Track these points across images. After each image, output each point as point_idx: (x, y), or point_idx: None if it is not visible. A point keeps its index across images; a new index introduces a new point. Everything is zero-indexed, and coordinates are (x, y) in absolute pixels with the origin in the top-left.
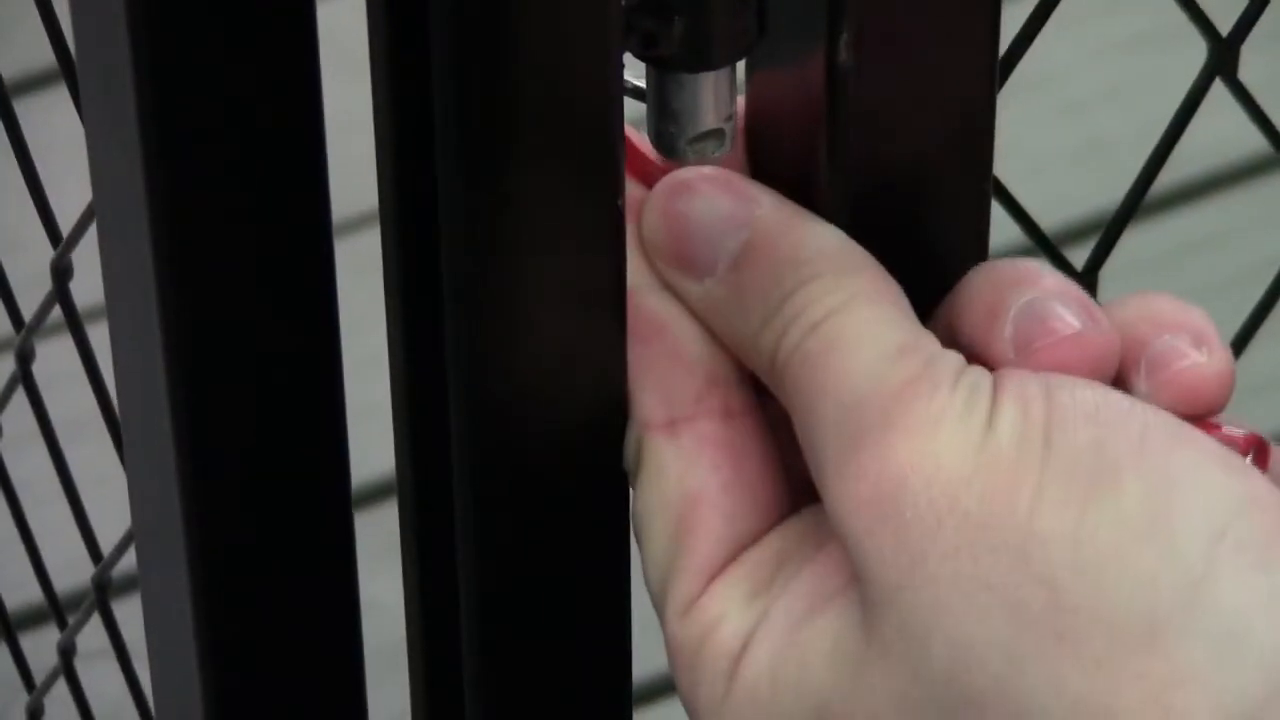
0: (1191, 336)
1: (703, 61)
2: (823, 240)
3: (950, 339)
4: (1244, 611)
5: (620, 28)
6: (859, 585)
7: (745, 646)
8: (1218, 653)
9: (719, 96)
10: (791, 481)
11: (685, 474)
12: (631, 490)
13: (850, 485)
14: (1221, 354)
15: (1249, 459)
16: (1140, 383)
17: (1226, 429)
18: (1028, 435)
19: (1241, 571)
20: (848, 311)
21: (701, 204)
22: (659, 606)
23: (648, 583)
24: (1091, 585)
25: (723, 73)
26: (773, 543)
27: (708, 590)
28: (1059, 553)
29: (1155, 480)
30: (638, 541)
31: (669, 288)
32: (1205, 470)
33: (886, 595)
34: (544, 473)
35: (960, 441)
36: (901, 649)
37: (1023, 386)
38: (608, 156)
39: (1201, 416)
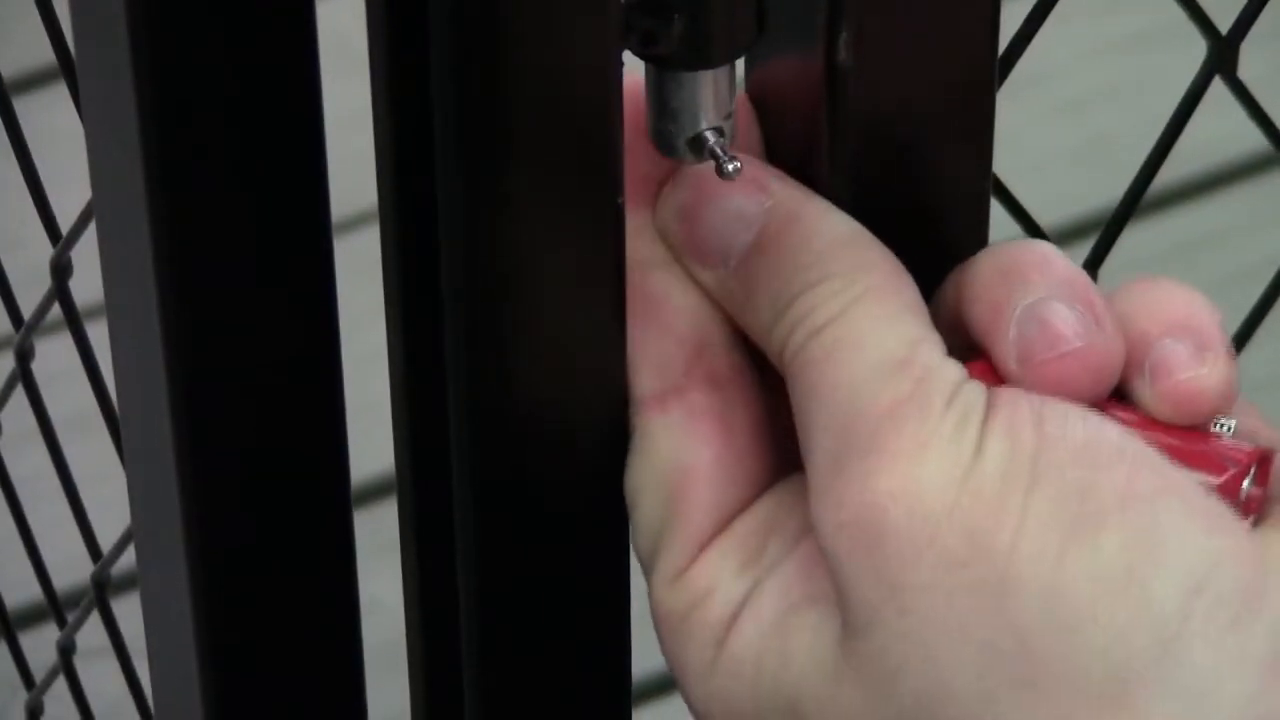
0: (1195, 341)
1: (702, 60)
2: (831, 237)
3: (958, 326)
4: (1214, 671)
5: (619, 26)
6: (839, 598)
7: (735, 617)
8: (1186, 712)
9: (718, 95)
10: (782, 445)
11: (677, 449)
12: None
13: (833, 508)
14: (1224, 361)
15: (1250, 476)
16: (1142, 387)
17: (1228, 442)
18: (1013, 471)
19: (1214, 630)
20: (848, 319)
21: (714, 196)
22: (646, 571)
23: (635, 547)
24: (1065, 638)
25: (722, 71)
26: (762, 510)
27: (698, 560)
28: (1034, 602)
29: (1136, 532)
30: (628, 508)
31: (668, 265)
32: (1187, 525)
33: (863, 619)
34: (543, 472)
35: (945, 470)
36: (875, 671)
37: (1014, 414)
38: (607, 156)
39: (1201, 424)
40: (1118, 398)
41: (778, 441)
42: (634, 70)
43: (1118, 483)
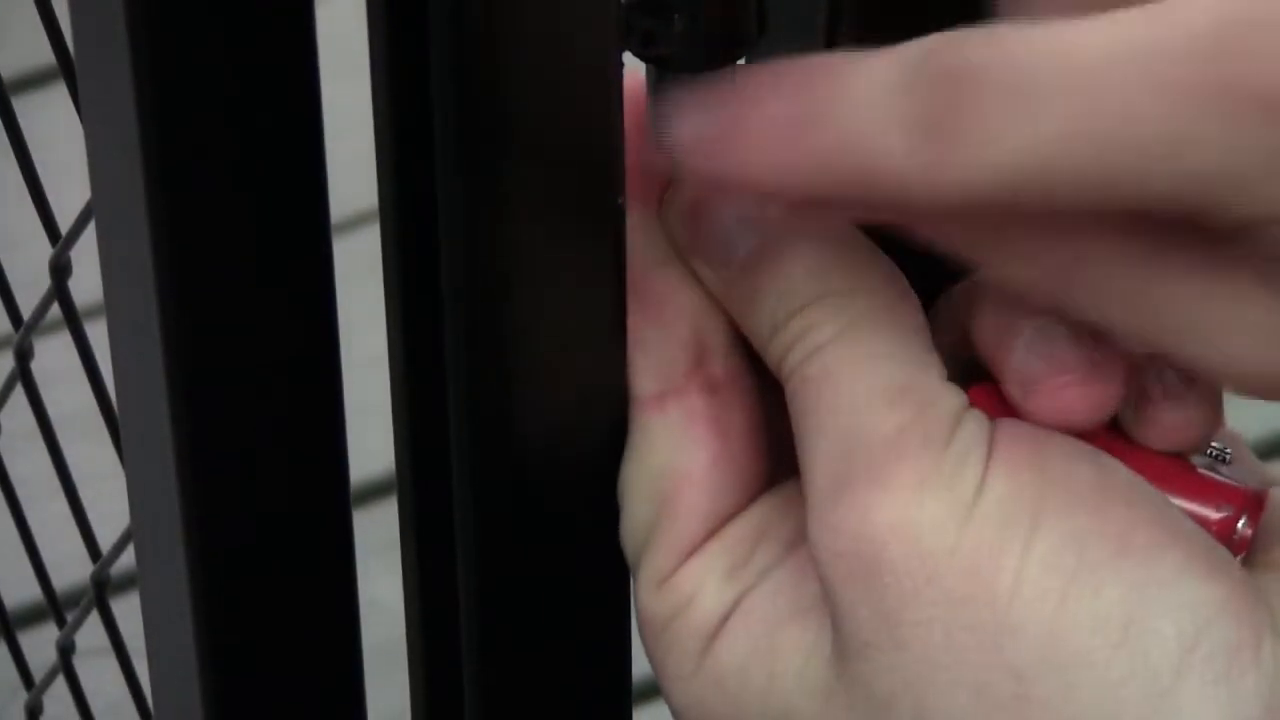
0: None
1: (702, 61)
2: (833, 249)
3: (962, 341)
4: None
5: (620, 27)
6: (833, 623)
7: (720, 629)
8: None
9: None
10: (777, 451)
11: (673, 451)
12: None
13: (830, 535)
14: (1209, 392)
15: (1243, 519)
16: (1128, 412)
17: (1225, 480)
18: (1015, 514)
19: (1207, 683)
20: (847, 340)
21: (720, 198)
22: (632, 571)
23: (623, 546)
24: (1060, 685)
25: (723, 72)
26: (753, 516)
27: (684, 565)
28: (1031, 646)
29: (1135, 583)
30: (619, 503)
31: (671, 265)
32: (1187, 576)
33: (857, 648)
34: (543, 472)
35: (946, 508)
36: (868, 696)
37: (1016, 453)
38: (608, 156)
39: (1184, 454)
40: (1111, 423)
41: (773, 447)
42: (635, 69)
43: (1120, 530)
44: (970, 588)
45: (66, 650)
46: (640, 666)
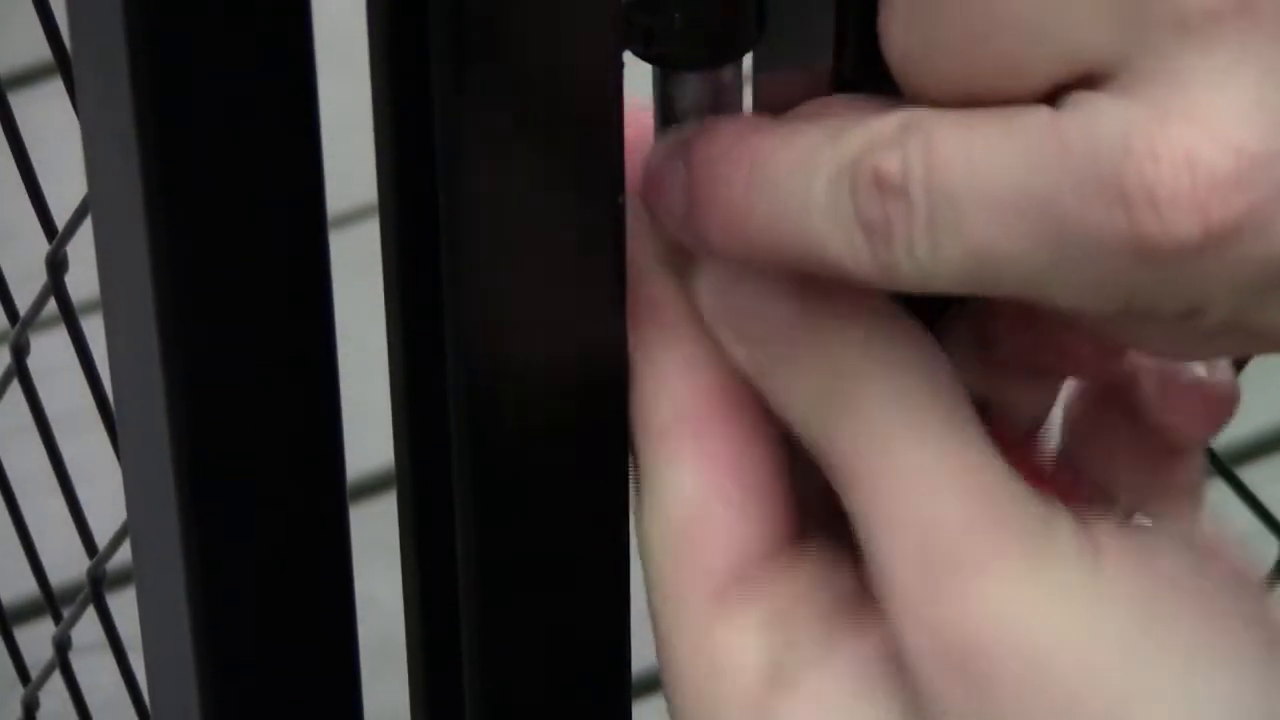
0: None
1: (703, 59)
2: (865, 318)
3: (964, 369)
4: None
5: (620, 26)
6: (920, 705)
7: (777, 695)
8: None
9: (722, 96)
10: (802, 488)
11: (686, 488)
12: (633, 500)
13: (923, 631)
14: (1225, 369)
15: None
16: (1148, 386)
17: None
18: (1130, 617)
19: None
20: (898, 421)
21: (745, 273)
22: (656, 624)
23: (648, 600)
24: None
25: (726, 71)
26: (791, 573)
27: (718, 620)
28: None
29: (1259, 685)
30: (640, 557)
31: (680, 278)
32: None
33: None
34: (543, 469)
35: (1055, 606)
36: None
37: (1123, 551)
38: (608, 155)
39: (1206, 435)
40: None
41: (799, 482)
42: (638, 65)
43: (1232, 629)
44: (1082, 692)
45: (63, 646)
46: (640, 661)
